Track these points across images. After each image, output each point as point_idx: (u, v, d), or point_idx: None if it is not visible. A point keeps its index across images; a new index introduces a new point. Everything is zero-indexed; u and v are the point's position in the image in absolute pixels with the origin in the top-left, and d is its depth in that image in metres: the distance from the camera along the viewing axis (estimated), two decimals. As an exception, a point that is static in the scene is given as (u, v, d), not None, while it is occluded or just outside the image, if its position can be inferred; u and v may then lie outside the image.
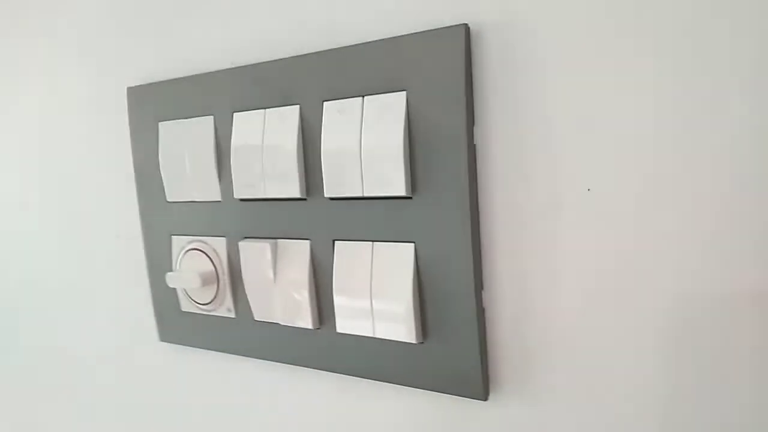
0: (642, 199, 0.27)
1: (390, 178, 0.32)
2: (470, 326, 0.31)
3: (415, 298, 0.32)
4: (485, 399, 0.31)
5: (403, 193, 0.31)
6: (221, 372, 0.44)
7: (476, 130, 0.30)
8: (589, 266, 0.28)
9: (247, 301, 0.39)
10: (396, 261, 0.32)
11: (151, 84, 0.43)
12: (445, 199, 0.31)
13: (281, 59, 0.36)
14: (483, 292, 0.31)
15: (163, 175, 0.42)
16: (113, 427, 0.53)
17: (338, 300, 0.35)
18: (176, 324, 0.45)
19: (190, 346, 0.44)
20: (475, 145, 0.30)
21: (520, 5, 0.28)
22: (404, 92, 0.31)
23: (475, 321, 0.31)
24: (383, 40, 0.32)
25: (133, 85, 0.44)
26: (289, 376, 0.40)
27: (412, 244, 0.32)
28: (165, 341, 0.46)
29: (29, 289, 0.57)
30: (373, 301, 0.33)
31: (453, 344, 0.32)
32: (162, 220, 0.44)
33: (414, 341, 0.32)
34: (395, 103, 0.31)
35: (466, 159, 0.30)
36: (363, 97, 0.33)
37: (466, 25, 0.29)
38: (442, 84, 0.30)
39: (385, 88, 0.32)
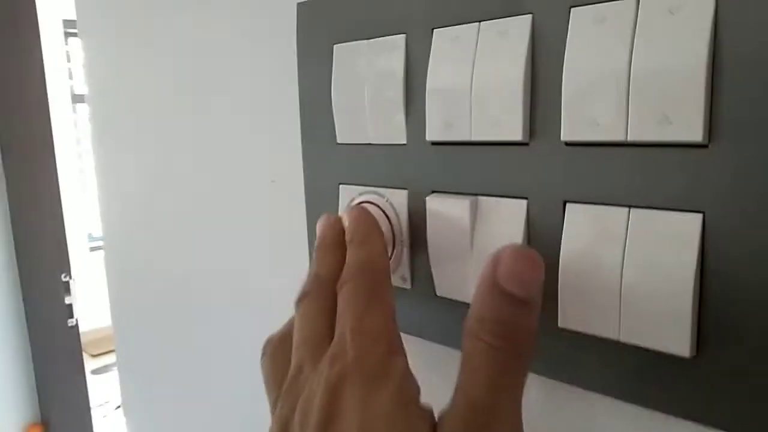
0: None
1: (677, 114, 0.21)
2: (788, 344, 0.21)
3: (695, 293, 0.22)
4: (801, 455, 0.21)
5: (697, 139, 0.21)
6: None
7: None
8: None
9: (428, 271, 0.31)
10: (669, 237, 0.23)
11: (326, -1, 0.35)
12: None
13: (510, -50, 0.26)
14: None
15: (334, 111, 0.35)
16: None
17: (566, 284, 0.25)
18: (335, 289, 0.38)
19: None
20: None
21: None
22: (715, -14, 0.21)
23: (800, 339, 0.20)
24: None
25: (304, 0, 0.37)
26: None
27: (700, 215, 0.22)
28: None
29: (178, 239, 0.53)
30: (623, 292, 0.24)
31: (744, 361, 0.22)
32: (329, 165, 0.36)
33: (685, 354, 0.22)
34: None
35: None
36: (639, -4, 0.23)
37: None
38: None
39: (679, -17, 0.22)
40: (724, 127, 0.21)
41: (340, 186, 0.36)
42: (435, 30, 0.29)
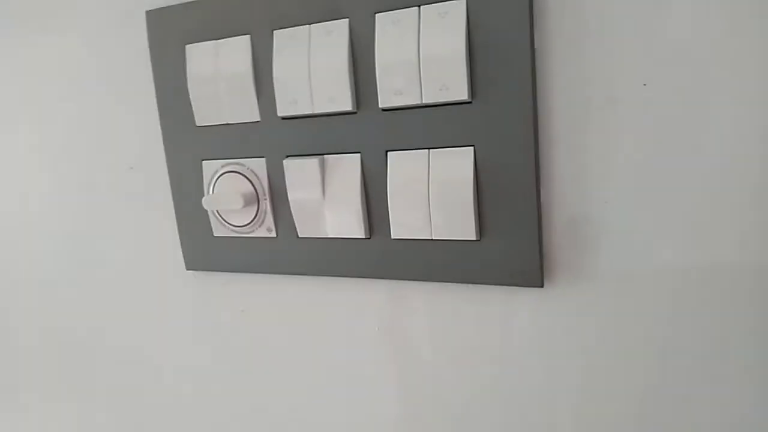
0: (694, 93, 0.30)
1: (451, 84, 0.33)
2: (529, 222, 0.34)
3: (474, 198, 0.34)
4: (541, 286, 0.34)
5: (465, 98, 0.33)
6: (261, 292, 0.45)
7: (535, 33, 0.32)
8: (645, 158, 0.31)
9: (289, 220, 0.40)
10: (455, 164, 0.34)
11: (173, 6, 0.42)
12: (505, 101, 0.33)
13: (327, -27, 0.36)
14: (541, 189, 0.34)
15: (192, 100, 0.42)
16: (144, 358, 0.53)
17: (394, 206, 0.36)
18: (207, 250, 0.45)
19: (223, 270, 0.45)
20: (534, 48, 0.32)
21: None
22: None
23: (535, 217, 0.33)
24: (441, -51, 0.33)
25: (152, 8, 0.43)
26: (338, 287, 0.41)
27: (471, 148, 0.34)
28: (192, 269, 0.46)
29: (45, 228, 0.55)
30: (431, 204, 0.35)
31: (511, 239, 0.34)
32: (190, 145, 0.43)
33: (473, 238, 0.35)
34: (455, 10, 0.33)
35: (528, 61, 0.32)
36: (419, 6, 0.34)
37: (527, -68, 0.31)
38: (504, -10, 0.32)
39: (443, -3, 0.33)
40: (480, 90, 0.33)
41: (203, 162, 0.43)
42: (275, 31, 0.38)
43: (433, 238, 0.36)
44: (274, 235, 0.42)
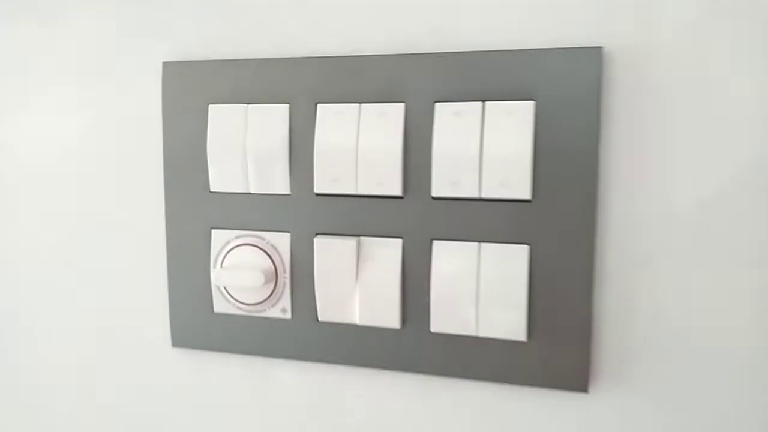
0: (750, 216, 0.31)
1: (513, 181, 0.33)
2: (581, 326, 0.33)
3: (526, 298, 0.34)
4: (586, 391, 0.34)
5: (527, 197, 0.33)
6: (266, 377, 0.41)
7: (600, 144, 0.33)
8: (698, 274, 0.32)
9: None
10: (508, 261, 0.34)
11: (197, 61, 0.39)
12: (567, 204, 0.33)
13: (386, 55, 0.35)
14: (594, 293, 0.34)
15: (210, 163, 0.39)
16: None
17: (437, 298, 0.35)
18: (202, 327, 0.41)
19: (219, 351, 0.41)
20: (598, 157, 0.33)
21: (651, 29, 0.32)
22: (533, 102, 0.33)
23: (588, 321, 0.33)
24: (513, 50, 0.33)
25: (169, 60, 0.40)
26: (358, 379, 0.39)
27: (527, 246, 0.34)
28: (180, 346, 0.42)
29: (27, 287, 0.47)
30: (480, 300, 0.34)
31: (560, 342, 0.34)
32: (199, 210, 0.40)
33: (522, 339, 0.34)
34: (523, 111, 0.33)
35: (594, 166, 0.32)
36: (483, 102, 0.34)
37: (601, 47, 0.32)
38: (575, 99, 0.32)
39: (510, 97, 0.33)
40: (542, 190, 0.33)
41: (213, 230, 0.39)
42: (319, 104, 0.36)
43: (478, 335, 0.34)
44: (288, 316, 0.39)
